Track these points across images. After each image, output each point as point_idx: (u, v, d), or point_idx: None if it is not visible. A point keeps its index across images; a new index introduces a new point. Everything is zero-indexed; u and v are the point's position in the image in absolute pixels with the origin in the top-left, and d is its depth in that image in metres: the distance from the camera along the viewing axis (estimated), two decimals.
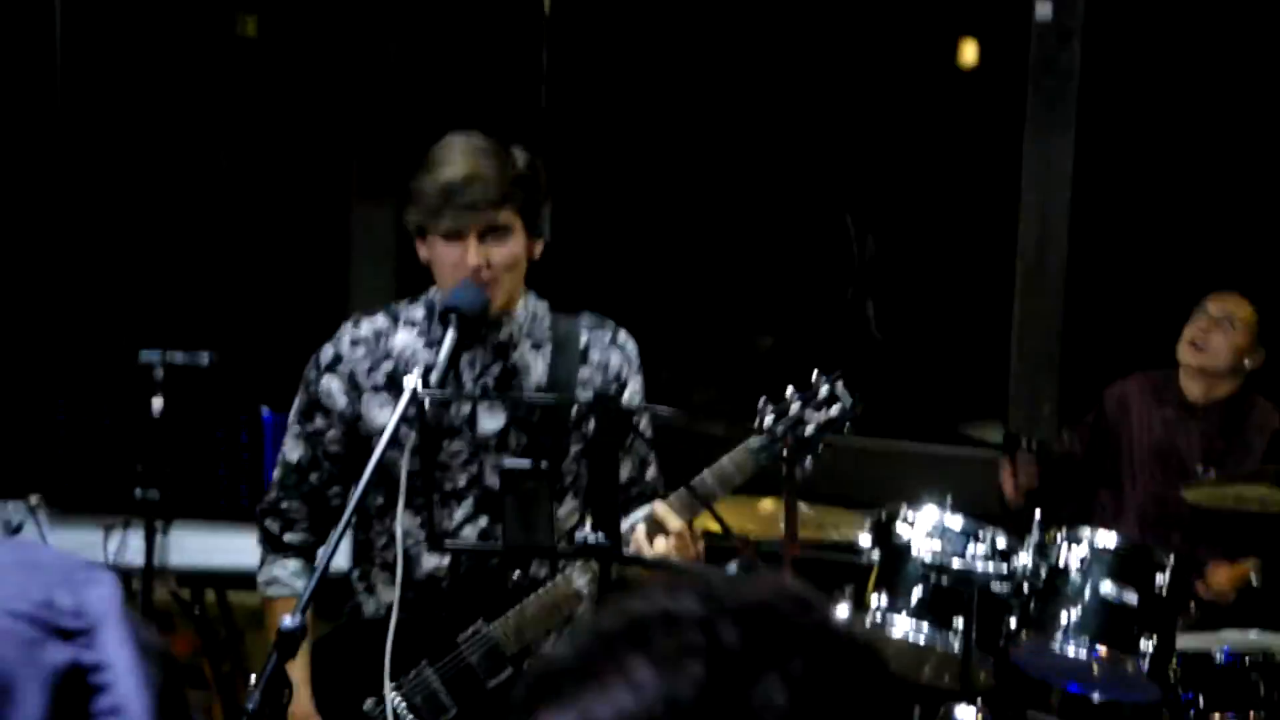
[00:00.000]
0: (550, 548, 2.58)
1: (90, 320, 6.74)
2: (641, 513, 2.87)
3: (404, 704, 2.93)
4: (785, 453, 2.72)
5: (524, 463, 2.59)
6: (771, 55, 7.02)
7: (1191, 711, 4.04)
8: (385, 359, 3.04)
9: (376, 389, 3.04)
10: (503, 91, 6.69)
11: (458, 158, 2.91)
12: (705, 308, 7.27)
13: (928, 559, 3.81)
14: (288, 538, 3.12)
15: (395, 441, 2.71)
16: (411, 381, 2.65)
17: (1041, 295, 5.41)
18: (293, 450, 3.10)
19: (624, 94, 6.98)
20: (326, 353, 3.08)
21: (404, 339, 3.05)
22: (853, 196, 7.01)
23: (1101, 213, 5.78)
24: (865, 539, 3.97)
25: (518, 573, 2.96)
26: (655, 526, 2.79)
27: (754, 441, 2.84)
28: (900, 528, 3.91)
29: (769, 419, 2.77)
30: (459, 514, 2.99)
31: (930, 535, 3.86)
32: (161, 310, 6.89)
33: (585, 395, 2.96)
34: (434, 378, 2.70)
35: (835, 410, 2.84)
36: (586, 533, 2.51)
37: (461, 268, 2.89)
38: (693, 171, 7.13)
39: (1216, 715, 4.05)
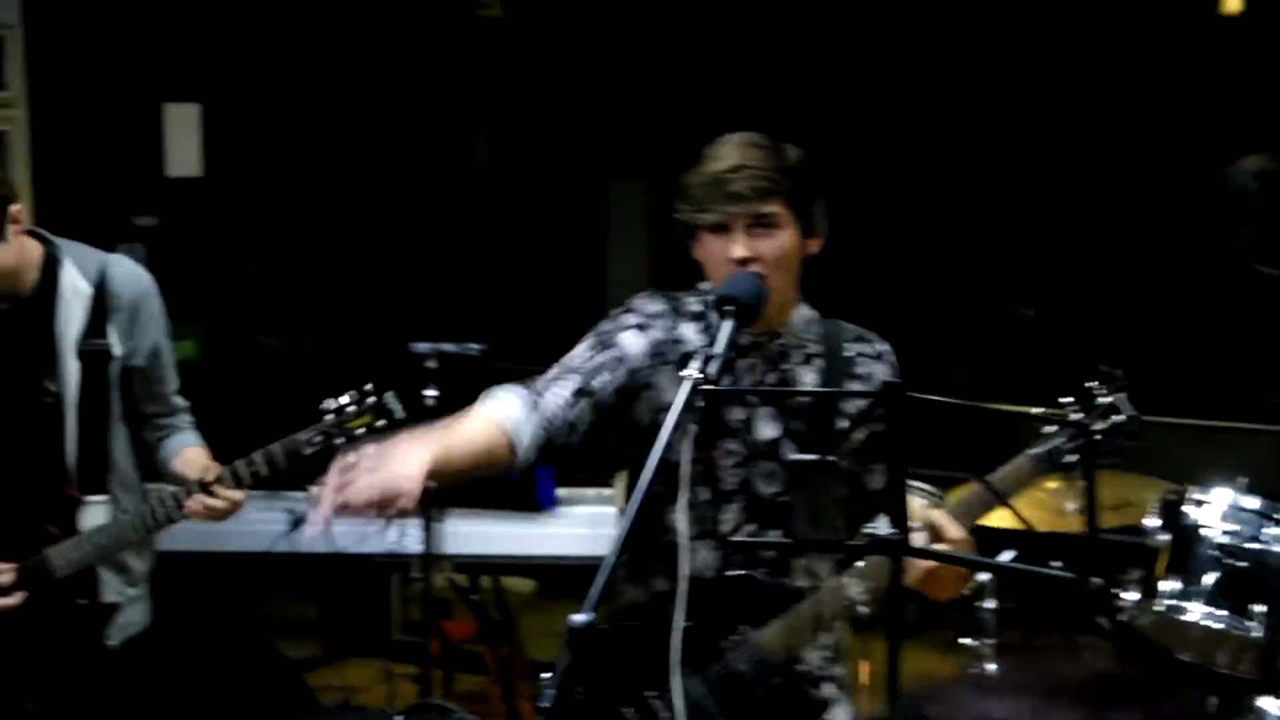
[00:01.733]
0: (838, 541, 2.53)
1: (363, 314, 6.91)
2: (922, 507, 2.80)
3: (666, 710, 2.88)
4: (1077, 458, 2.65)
5: (810, 456, 2.55)
6: (1020, 18, 6.84)
7: None
8: (676, 343, 3.03)
9: (666, 362, 3.00)
10: (762, 81, 6.64)
11: (726, 152, 2.90)
12: (965, 280, 7.13)
13: (1222, 541, 3.66)
14: (512, 388, 3.02)
15: (677, 431, 2.69)
16: (690, 371, 2.63)
17: None
18: (572, 357, 3.04)
19: (890, 83, 6.87)
20: (646, 305, 3.04)
21: (687, 330, 3.04)
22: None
23: None
24: (1153, 521, 3.82)
25: (784, 580, 2.92)
26: (934, 535, 2.72)
27: (1035, 450, 2.80)
28: (1189, 509, 3.76)
29: (1050, 429, 2.70)
30: (728, 516, 2.97)
31: (1224, 518, 3.70)
32: (429, 301, 7.03)
33: (852, 408, 2.92)
34: (712, 369, 2.66)
35: (1117, 421, 2.80)
36: (876, 526, 2.46)
37: (728, 263, 2.87)
38: (954, 141, 6.99)
39: None
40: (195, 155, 6.29)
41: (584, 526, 4.94)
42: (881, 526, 2.44)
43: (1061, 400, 2.89)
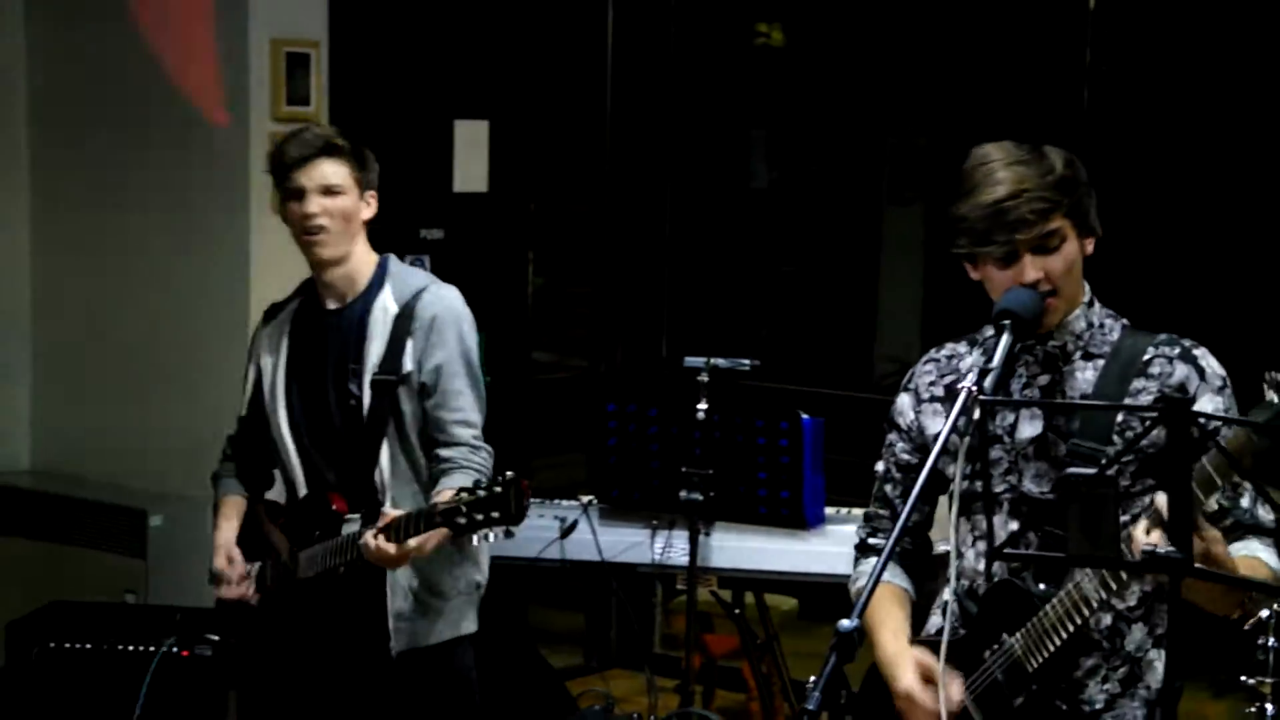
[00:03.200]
0: (1116, 558, 2.48)
1: (638, 329, 7.01)
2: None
3: None
4: None
5: (1088, 470, 2.50)
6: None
7: None
8: (950, 374, 3.03)
9: (932, 399, 3.05)
10: (1042, 93, 6.54)
11: (997, 174, 2.83)
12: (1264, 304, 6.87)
13: None
14: (872, 541, 3.19)
15: (945, 450, 2.68)
16: (966, 384, 2.62)
17: None
18: (879, 462, 3.17)
19: (1169, 89, 6.70)
20: (907, 374, 3.14)
21: (973, 358, 3.03)
22: None
23: None
24: None
25: (1041, 585, 2.87)
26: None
27: (1258, 414, 2.47)
28: None
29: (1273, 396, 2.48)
30: (997, 520, 2.94)
31: None
32: (704, 318, 7.10)
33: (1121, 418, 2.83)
34: (988, 382, 2.64)
35: None
36: (1155, 542, 2.41)
37: (1017, 286, 2.84)
38: (1241, 169, 6.76)
39: None
40: (483, 171, 6.48)
41: (850, 546, 4.90)
42: (1161, 544, 2.38)
43: None
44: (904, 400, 3.10)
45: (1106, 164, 6.20)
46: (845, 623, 2.42)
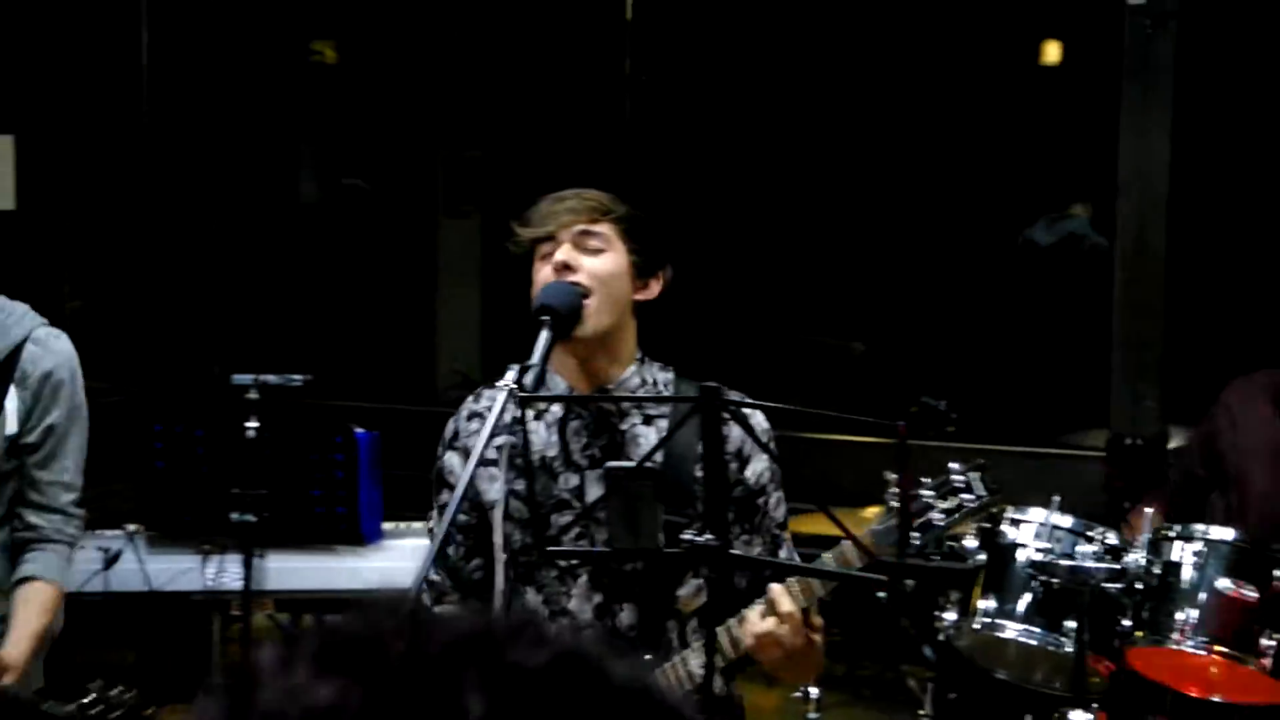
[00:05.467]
0: (657, 550, 2.50)
1: (183, 346, 6.78)
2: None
3: None
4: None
5: (628, 464, 2.52)
6: (851, 59, 6.94)
7: None
8: (500, 432, 2.88)
9: (484, 463, 2.88)
10: (587, 103, 6.65)
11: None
12: (797, 313, 7.20)
13: (1037, 559, 3.71)
14: (437, 610, 3.02)
15: (509, 517, 2.69)
16: (506, 381, 2.59)
17: (1142, 285, 5.29)
18: (434, 523, 3.02)
19: (711, 100, 6.92)
20: (449, 428, 3.00)
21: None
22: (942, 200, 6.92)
23: (1201, 202, 5.65)
24: (971, 542, 3.87)
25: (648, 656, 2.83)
26: (769, 607, 2.66)
27: (877, 524, 2.71)
28: (1006, 529, 3.82)
29: (895, 504, 2.64)
30: (576, 591, 2.86)
31: (1038, 536, 3.76)
32: (254, 334, 6.92)
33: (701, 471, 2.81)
34: (529, 379, 2.63)
35: (967, 500, 2.74)
36: (693, 534, 2.44)
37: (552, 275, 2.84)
38: (782, 175, 7.06)
39: None
40: (9, 187, 6.13)
41: (411, 560, 4.85)
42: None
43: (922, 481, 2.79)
44: (452, 460, 2.96)
45: (648, 171, 6.37)
46: None
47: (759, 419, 2.85)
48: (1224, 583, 3.74)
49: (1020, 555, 3.76)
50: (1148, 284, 5.28)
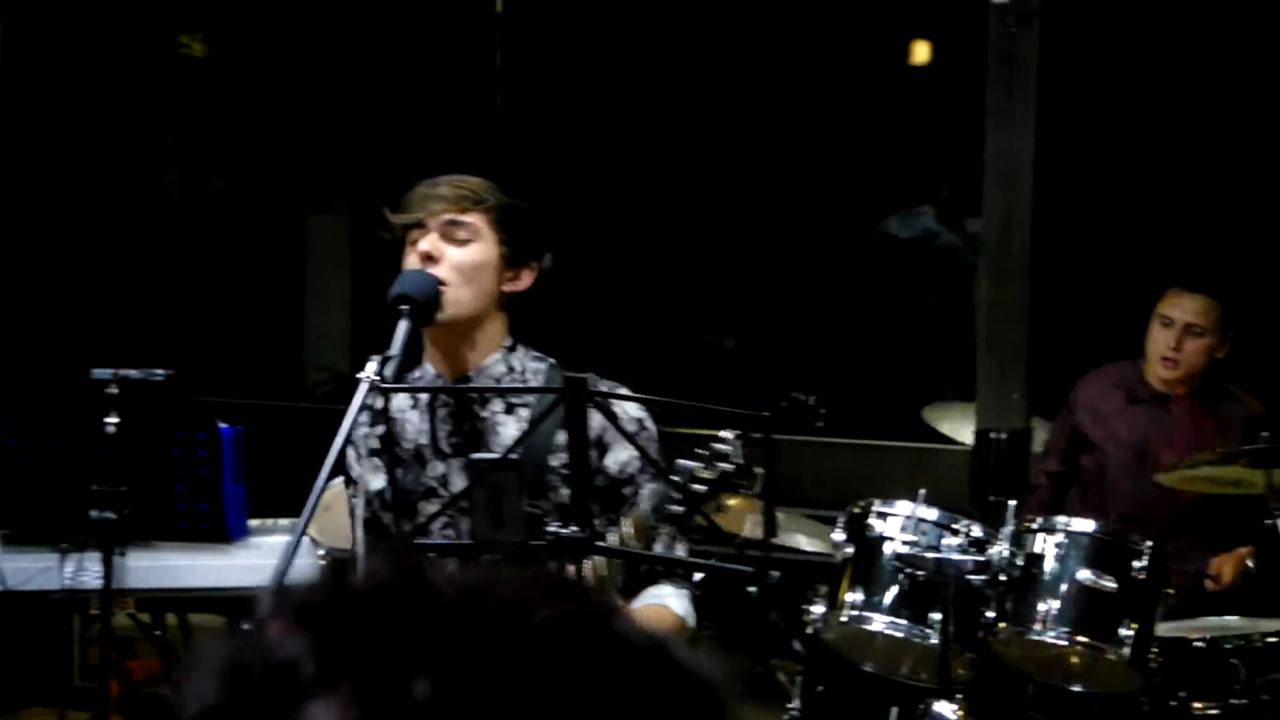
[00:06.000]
0: (521, 543, 2.48)
1: (41, 340, 6.63)
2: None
3: None
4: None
5: (492, 455, 2.51)
6: (738, 58, 6.97)
7: (1172, 699, 3.98)
8: (380, 425, 2.92)
9: (371, 453, 2.93)
10: (458, 96, 6.61)
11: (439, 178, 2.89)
12: (668, 309, 7.21)
13: (902, 552, 3.75)
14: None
15: (387, 505, 2.65)
16: (366, 372, 2.57)
17: (1007, 283, 5.36)
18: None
19: (582, 94, 6.91)
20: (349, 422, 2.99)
21: (399, 401, 2.94)
22: (812, 196, 6.97)
23: (1066, 200, 5.75)
24: (839, 535, 3.90)
25: None
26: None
27: (645, 506, 2.73)
28: (873, 522, 3.85)
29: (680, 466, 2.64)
30: None
31: (904, 529, 3.80)
32: (116, 328, 6.79)
33: (558, 461, 2.80)
34: (389, 370, 2.61)
35: (725, 469, 2.69)
36: (557, 526, 2.44)
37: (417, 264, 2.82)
38: (653, 171, 7.07)
39: (1198, 703, 3.99)
40: None
41: (278, 557, 4.78)
42: (565, 526, 2.41)
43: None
44: (348, 454, 2.96)
45: (519, 164, 6.34)
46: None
47: (630, 409, 2.84)
48: (1085, 574, 3.80)
49: (887, 548, 3.80)
50: (1013, 281, 5.35)
